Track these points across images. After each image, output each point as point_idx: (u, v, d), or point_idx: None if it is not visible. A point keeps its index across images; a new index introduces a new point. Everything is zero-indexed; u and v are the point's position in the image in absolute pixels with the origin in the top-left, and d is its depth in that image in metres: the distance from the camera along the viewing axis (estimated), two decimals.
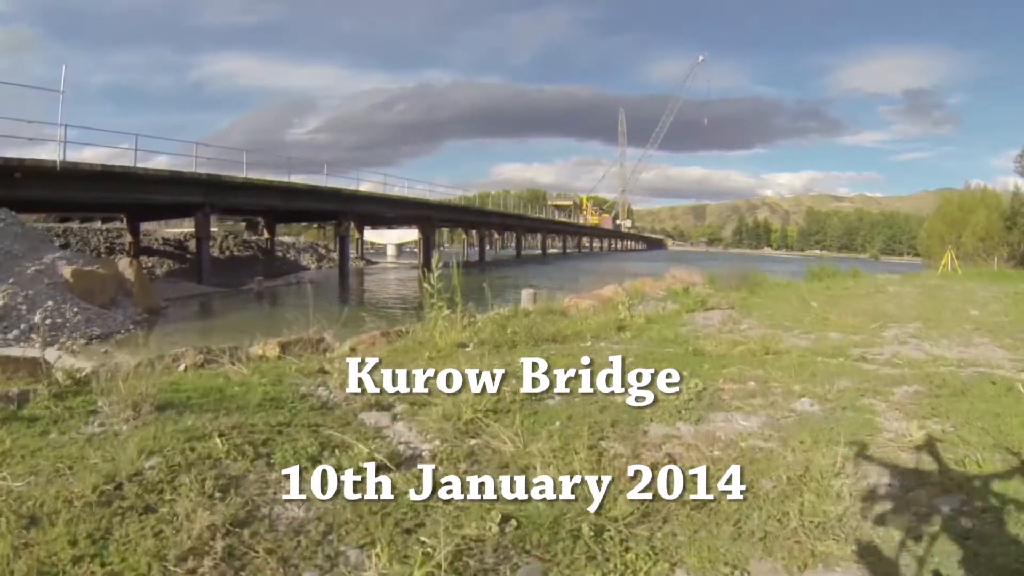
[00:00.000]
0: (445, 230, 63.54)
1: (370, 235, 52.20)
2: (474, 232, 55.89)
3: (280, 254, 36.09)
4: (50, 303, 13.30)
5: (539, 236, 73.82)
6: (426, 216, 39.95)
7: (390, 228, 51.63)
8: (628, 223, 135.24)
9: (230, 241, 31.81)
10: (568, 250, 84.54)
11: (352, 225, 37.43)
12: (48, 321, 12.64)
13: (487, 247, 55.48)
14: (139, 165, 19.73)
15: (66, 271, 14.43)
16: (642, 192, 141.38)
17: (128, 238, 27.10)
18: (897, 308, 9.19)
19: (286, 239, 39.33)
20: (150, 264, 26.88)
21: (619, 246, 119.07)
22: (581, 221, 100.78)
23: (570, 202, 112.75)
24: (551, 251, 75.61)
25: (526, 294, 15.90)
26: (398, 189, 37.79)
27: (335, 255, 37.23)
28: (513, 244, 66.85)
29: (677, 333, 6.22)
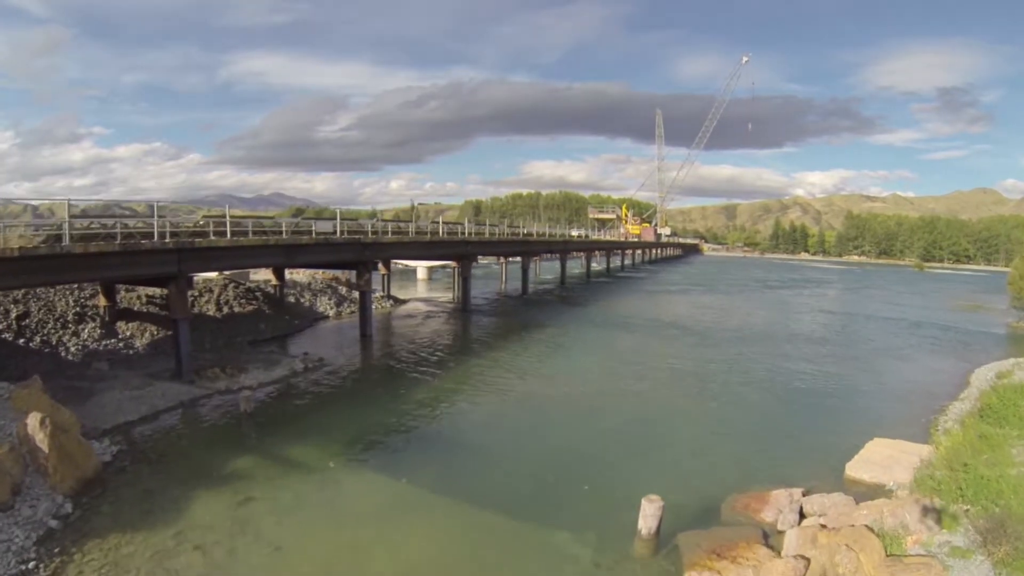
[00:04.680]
0: None
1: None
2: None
3: (293, 299, 30.73)
4: None
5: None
6: (463, 253, 34.23)
7: None
8: (667, 231, 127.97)
9: (230, 292, 26.43)
10: (610, 262, 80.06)
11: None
12: None
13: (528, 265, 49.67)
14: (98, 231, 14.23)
15: None
16: (674, 192, 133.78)
17: (103, 300, 21.96)
18: None
19: (300, 278, 33.92)
20: (128, 334, 21.71)
21: (658, 254, 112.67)
22: (622, 231, 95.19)
23: (612, 215, 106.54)
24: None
25: (648, 514, 9.97)
26: (429, 217, 32.18)
27: (356, 294, 31.90)
28: (549, 256, 63.20)
29: None
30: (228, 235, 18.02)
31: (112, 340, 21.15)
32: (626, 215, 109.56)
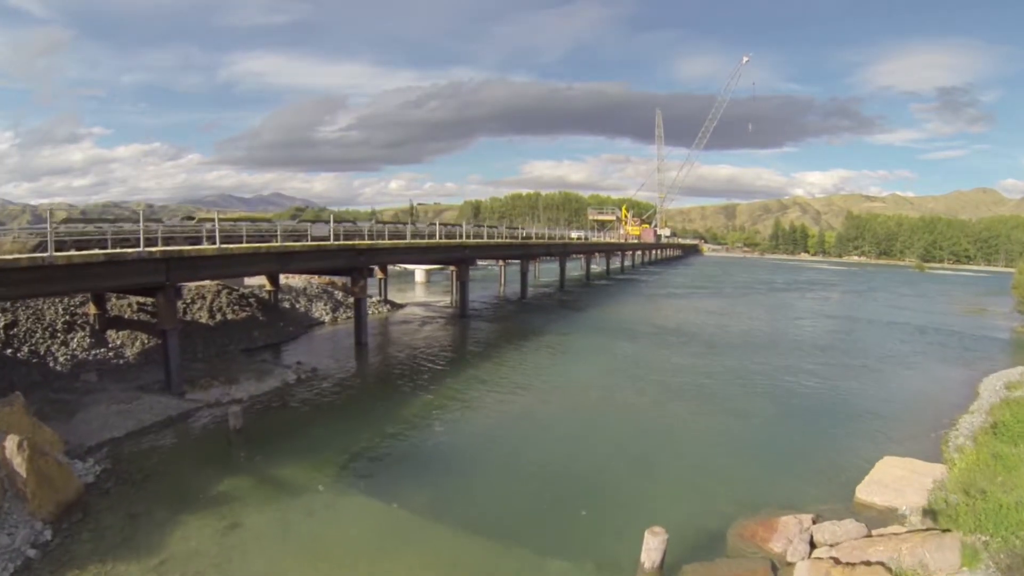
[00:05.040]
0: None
1: None
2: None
3: (288, 304, 30.29)
4: None
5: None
6: (461, 258, 33.76)
7: None
8: (667, 231, 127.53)
9: (223, 299, 25.97)
10: (610, 264, 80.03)
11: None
12: None
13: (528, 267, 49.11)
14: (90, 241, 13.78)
15: None
16: (674, 192, 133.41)
17: (92, 308, 21.49)
18: None
19: (295, 283, 33.45)
20: (118, 343, 21.25)
21: (657, 255, 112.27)
22: (621, 233, 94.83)
23: (612, 216, 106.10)
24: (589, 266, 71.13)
25: (651, 547, 9.51)
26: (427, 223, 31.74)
27: (352, 299, 31.44)
28: (548, 258, 62.83)
29: None
30: (217, 243, 17.53)
31: (102, 349, 20.69)
32: (626, 216, 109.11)
